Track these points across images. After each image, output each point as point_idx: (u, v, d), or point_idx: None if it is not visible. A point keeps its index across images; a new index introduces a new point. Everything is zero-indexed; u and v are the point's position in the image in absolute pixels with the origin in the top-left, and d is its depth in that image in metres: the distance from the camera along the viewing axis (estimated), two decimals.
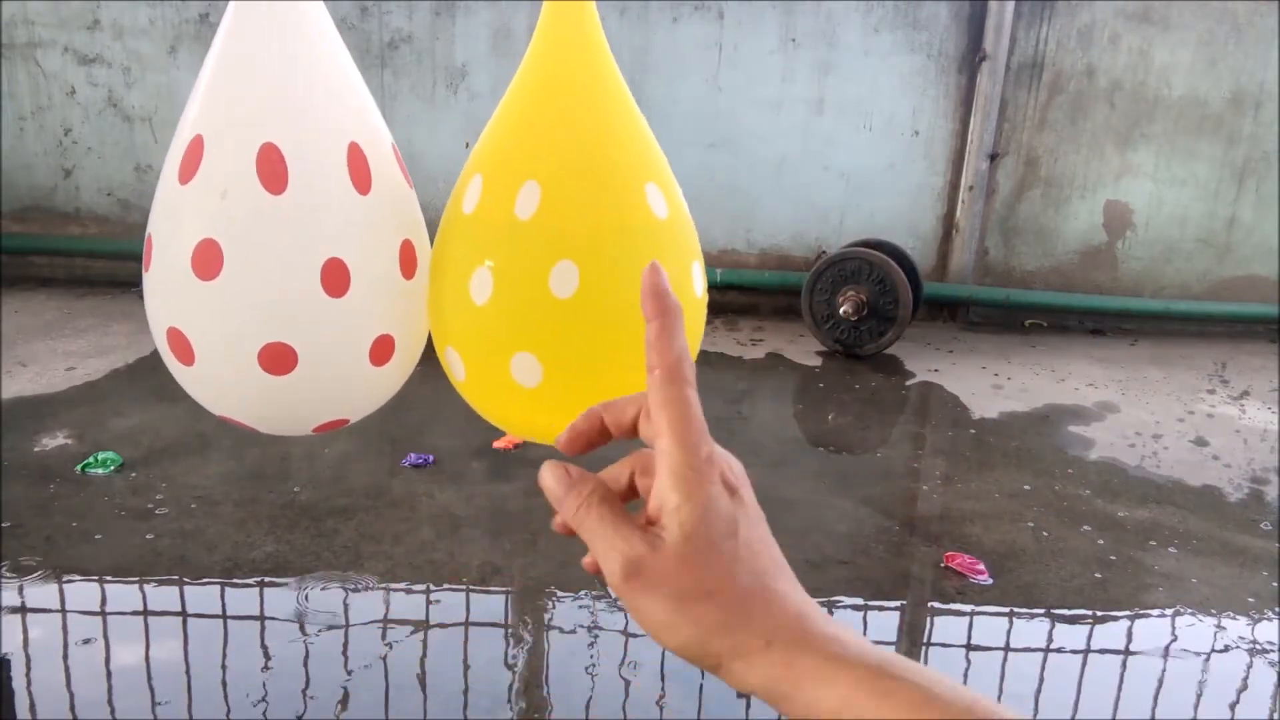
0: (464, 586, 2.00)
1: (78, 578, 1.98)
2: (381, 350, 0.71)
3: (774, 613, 0.38)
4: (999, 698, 1.40)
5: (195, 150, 0.67)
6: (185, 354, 0.70)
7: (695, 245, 0.75)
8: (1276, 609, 2.08)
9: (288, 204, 0.66)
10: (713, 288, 4.41)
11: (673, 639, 0.39)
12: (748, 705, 1.70)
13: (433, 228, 0.77)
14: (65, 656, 1.73)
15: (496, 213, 0.67)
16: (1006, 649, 1.91)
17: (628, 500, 0.43)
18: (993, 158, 4.31)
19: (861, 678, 0.35)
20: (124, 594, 1.94)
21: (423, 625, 1.88)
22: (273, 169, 0.65)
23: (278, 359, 0.67)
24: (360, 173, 0.68)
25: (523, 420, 0.74)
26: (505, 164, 0.69)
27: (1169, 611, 2.06)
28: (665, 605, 0.39)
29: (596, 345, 0.66)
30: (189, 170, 0.67)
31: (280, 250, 0.66)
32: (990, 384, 3.60)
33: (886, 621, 1.98)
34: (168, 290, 0.69)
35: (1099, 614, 2.04)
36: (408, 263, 0.71)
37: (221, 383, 0.71)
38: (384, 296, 0.70)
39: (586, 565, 0.44)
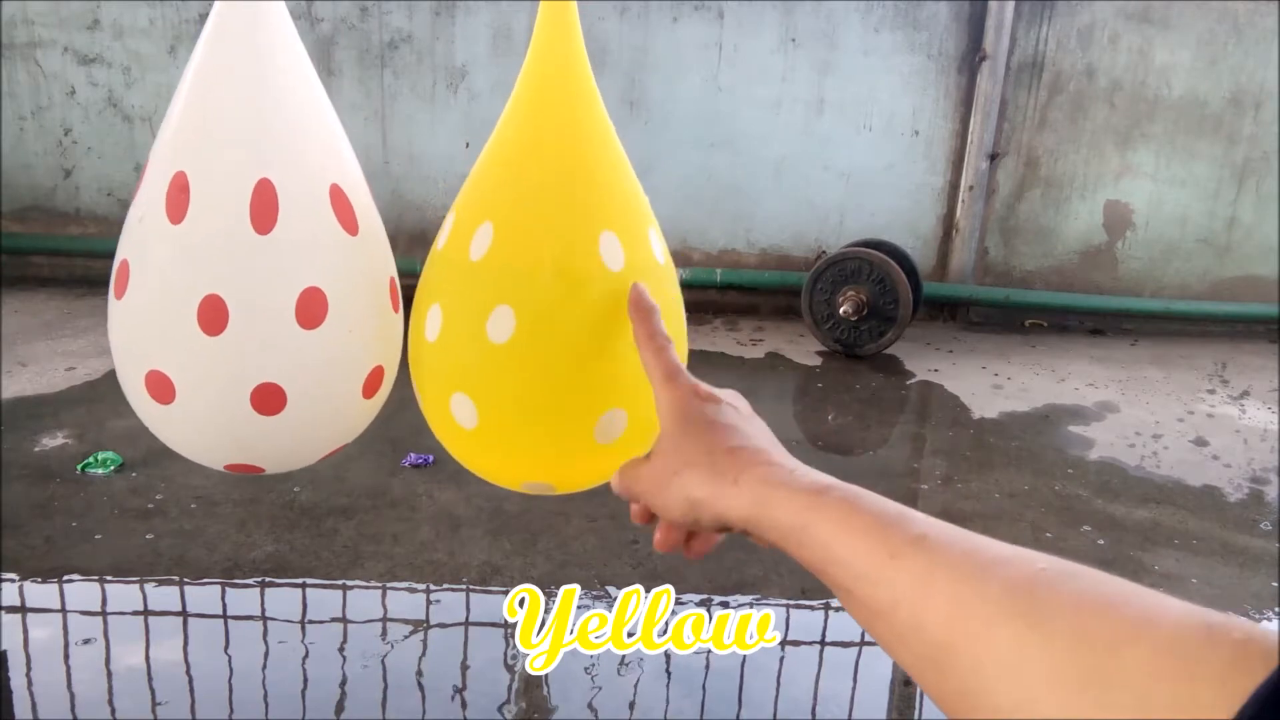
0: (464, 586, 2.01)
1: (78, 578, 1.98)
2: (268, 399, 0.68)
3: (738, 461, 0.49)
4: None
5: (143, 172, 0.70)
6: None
7: (665, 299, 0.69)
8: (1276, 609, 2.08)
9: (182, 233, 0.66)
10: (713, 288, 4.41)
11: (674, 511, 0.51)
12: (740, 704, 1.70)
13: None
14: (66, 657, 1.73)
15: (456, 252, 0.68)
16: None
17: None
18: (993, 158, 4.31)
19: (807, 499, 0.44)
20: (124, 594, 1.94)
21: (422, 625, 1.88)
22: (178, 199, 0.66)
23: (159, 387, 0.68)
24: (265, 211, 0.66)
25: (469, 459, 0.73)
26: (470, 203, 0.69)
27: None
28: (662, 492, 0.52)
29: (530, 392, 0.65)
30: (136, 191, 0.70)
31: (168, 280, 0.67)
32: (990, 384, 3.60)
33: None
34: (109, 306, 0.72)
35: None
36: (310, 311, 0.68)
37: (133, 401, 0.73)
38: (268, 342, 0.67)
39: (634, 515, 0.58)
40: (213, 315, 0.65)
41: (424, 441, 2.64)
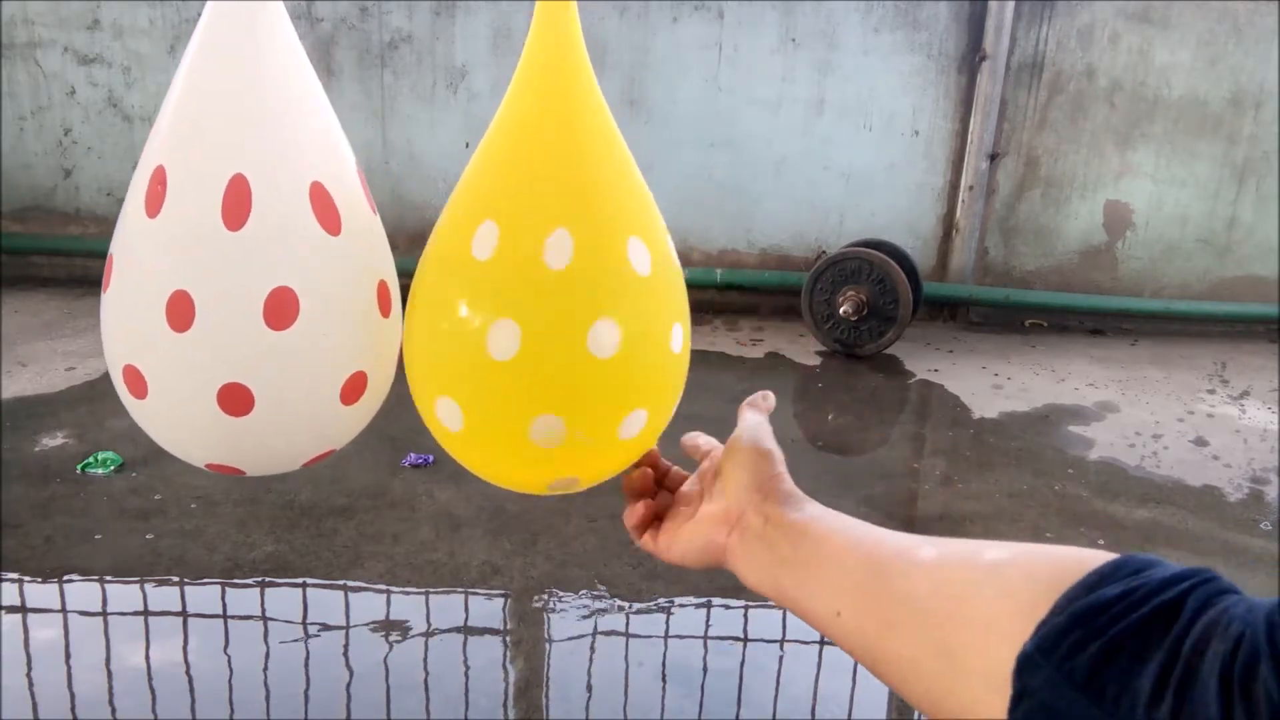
0: (463, 587, 2.00)
1: (78, 578, 1.98)
2: (235, 400, 0.68)
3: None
4: None
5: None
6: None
7: (680, 303, 0.70)
8: None
9: (157, 228, 0.67)
10: (713, 288, 4.41)
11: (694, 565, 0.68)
12: (739, 703, 1.70)
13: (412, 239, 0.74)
14: (66, 657, 1.73)
15: (531, 260, 0.64)
16: None
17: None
18: (993, 158, 4.31)
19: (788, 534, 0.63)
20: (124, 594, 1.94)
21: (422, 625, 1.88)
22: (156, 193, 0.67)
23: (134, 382, 0.70)
24: (237, 207, 0.65)
25: (528, 477, 0.71)
26: (523, 211, 0.65)
27: None
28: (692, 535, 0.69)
29: (618, 404, 0.67)
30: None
31: (142, 274, 0.68)
32: (990, 384, 3.60)
33: None
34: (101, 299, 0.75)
35: None
36: (279, 311, 0.66)
37: (119, 394, 0.77)
38: (235, 341, 0.66)
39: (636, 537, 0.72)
40: (180, 311, 0.64)
41: (424, 441, 2.63)
